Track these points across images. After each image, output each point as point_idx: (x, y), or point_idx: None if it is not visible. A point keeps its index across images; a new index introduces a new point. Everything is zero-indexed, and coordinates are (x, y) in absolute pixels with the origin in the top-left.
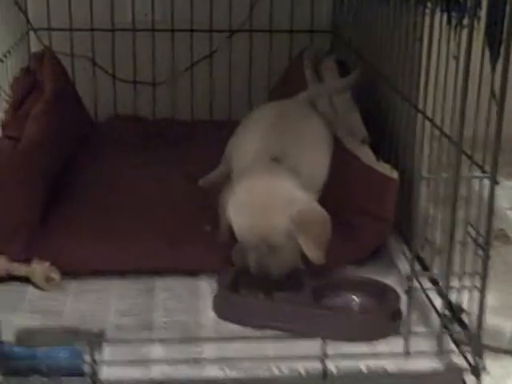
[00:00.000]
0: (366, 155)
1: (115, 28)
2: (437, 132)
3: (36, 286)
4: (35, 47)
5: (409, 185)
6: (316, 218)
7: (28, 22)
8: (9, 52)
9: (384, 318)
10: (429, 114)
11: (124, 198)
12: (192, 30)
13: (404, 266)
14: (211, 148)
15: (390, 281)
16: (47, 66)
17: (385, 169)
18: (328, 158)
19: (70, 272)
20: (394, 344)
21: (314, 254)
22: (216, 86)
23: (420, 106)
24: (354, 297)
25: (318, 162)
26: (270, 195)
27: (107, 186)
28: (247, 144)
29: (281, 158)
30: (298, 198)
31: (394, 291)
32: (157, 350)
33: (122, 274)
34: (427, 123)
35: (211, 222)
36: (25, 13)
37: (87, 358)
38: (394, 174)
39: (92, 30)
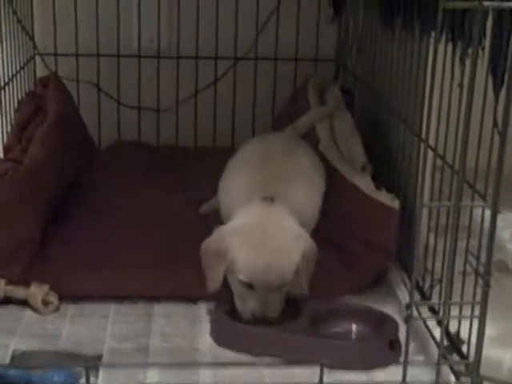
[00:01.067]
0: (366, 184)
1: (120, 54)
2: (439, 161)
3: (34, 310)
4: (41, 72)
5: (410, 213)
6: (314, 252)
7: (35, 46)
8: (15, 76)
9: (382, 346)
10: (431, 143)
11: (125, 223)
12: (197, 58)
13: (403, 294)
14: (213, 175)
15: (389, 309)
16: (52, 89)
17: (385, 198)
18: (320, 197)
19: (69, 296)
20: (392, 373)
21: (306, 287)
22: (220, 113)
23: (423, 135)
24: (353, 325)
25: (310, 201)
26: (282, 234)
27: (108, 210)
28: (236, 184)
29: (272, 197)
30: (302, 234)
31: (393, 320)
32: (153, 375)
33: (120, 299)
34: (430, 152)
35: None
36: (31, 37)
37: (83, 381)
38: (395, 204)
39: (98, 55)
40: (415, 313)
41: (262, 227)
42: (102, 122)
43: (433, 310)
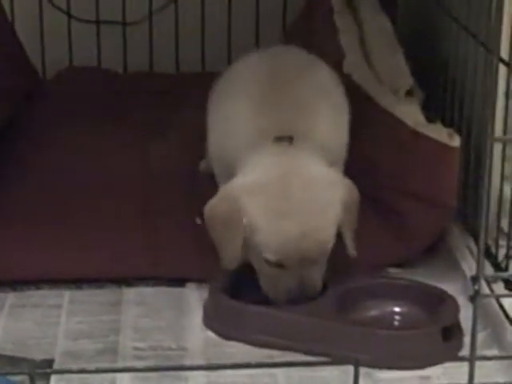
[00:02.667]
0: (412, 115)
1: None
2: None
3: None
4: None
5: (476, 154)
6: (355, 198)
7: None
8: None
9: (436, 335)
10: (503, 54)
11: (80, 182)
12: None
13: (469, 265)
14: (204, 110)
15: (449, 286)
16: None
17: (441, 133)
18: (348, 127)
19: (6, 281)
20: (454, 372)
21: (354, 244)
22: (210, 26)
23: (491, 45)
24: (396, 307)
25: (338, 135)
26: (313, 188)
27: (56, 165)
28: (234, 124)
29: (291, 136)
30: (337, 179)
31: (452, 300)
32: None
33: (77, 282)
34: (502, 67)
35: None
36: None
37: None
38: (455, 141)
39: None
40: (485, 289)
41: (286, 181)
42: (46, 42)
43: (511, 286)
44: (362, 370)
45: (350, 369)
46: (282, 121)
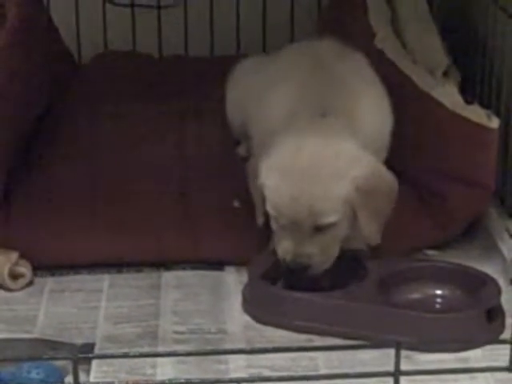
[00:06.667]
0: (451, 97)
1: None
2: None
3: None
4: None
5: None
6: (383, 184)
7: None
8: None
9: (479, 317)
10: None
11: (119, 167)
12: None
13: (509, 247)
14: None
15: (487, 268)
16: None
17: (479, 115)
18: (388, 111)
19: (46, 266)
20: (493, 354)
21: (372, 232)
22: (245, 8)
23: None
24: (436, 290)
25: (376, 117)
26: (325, 153)
27: (95, 151)
28: (275, 100)
29: (329, 113)
30: (362, 158)
31: (494, 282)
32: (165, 368)
33: (116, 266)
34: None
35: (241, 196)
36: None
37: (69, 379)
38: (494, 122)
39: None
40: None
41: (301, 144)
42: (81, 27)
43: None
44: (402, 353)
45: (390, 351)
46: (320, 104)
